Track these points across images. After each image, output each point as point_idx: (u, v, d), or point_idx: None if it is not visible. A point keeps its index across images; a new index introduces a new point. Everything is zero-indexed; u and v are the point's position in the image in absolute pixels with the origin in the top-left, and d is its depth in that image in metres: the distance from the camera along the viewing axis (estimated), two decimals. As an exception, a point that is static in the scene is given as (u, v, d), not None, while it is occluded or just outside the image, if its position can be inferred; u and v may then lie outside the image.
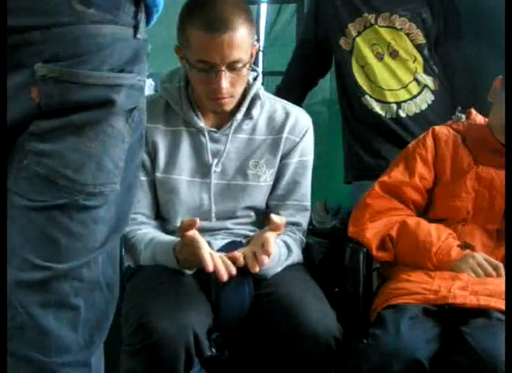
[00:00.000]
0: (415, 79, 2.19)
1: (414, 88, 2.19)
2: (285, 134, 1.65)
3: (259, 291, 1.56)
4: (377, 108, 2.20)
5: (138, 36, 0.96)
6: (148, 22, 1.04)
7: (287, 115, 1.66)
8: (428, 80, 2.19)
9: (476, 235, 1.63)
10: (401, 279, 1.56)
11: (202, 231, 1.62)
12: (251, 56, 1.54)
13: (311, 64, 2.41)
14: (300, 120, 1.67)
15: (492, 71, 1.80)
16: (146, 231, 1.61)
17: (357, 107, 2.24)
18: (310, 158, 1.69)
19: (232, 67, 1.49)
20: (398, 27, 2.18)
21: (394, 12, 2.18)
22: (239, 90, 1.56)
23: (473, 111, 1.82)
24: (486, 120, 1.77)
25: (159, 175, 1.63)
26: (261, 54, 3.19)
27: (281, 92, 2.27)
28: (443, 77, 2.22)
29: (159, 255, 1.55)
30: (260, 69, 1.80)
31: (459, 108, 1.87)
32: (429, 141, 1.75)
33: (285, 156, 1.66)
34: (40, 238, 0.91)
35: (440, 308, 1.44)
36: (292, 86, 2.42)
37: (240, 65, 1.50)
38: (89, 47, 0.90)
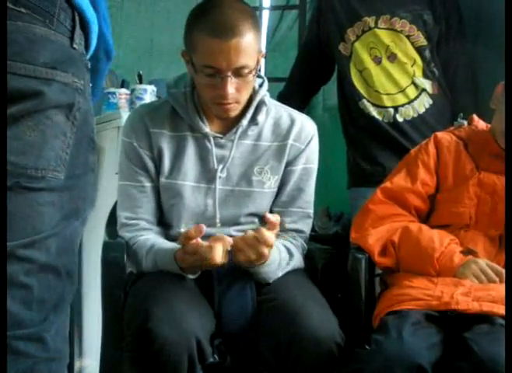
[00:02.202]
0: (413, 83, 2.18)
1: (411, 92, 2.18)
2: (290, 141, 1.65)
3: (261, 296, 1.56)
4: (374, 112, 2.19)
5: (75, 46, 1.04)
6: (86, 37, 1.10)
7: (292, 122, 1.67)
8: (426, 84, 2.18)
9: (479, 241, 1.62)
10: (404, 285, 1.56)
11: (206, 237, 1.62)
12: (257, 62, 1.55)
13: (314, 70, 2.41)
14: (305, 127, 1.68)
15: (493, 74, 1.80)
16: (148, 237, 1.61)
17: (355, 112, 2.24)
18: (314, 165, 1.70)
19: (238, 72, 1.49)
20: (399, 29, 2.17)
21: (394, 15, 2.17)
22: (244, 96, 1.57)
23: (475, 117, 1.82)
24: (488, 125, 1.77)
25: (163, 180, 1.63)
26: (262, 59, 3.19)
27: (283, 98, 2.28)
28: (442, 80, 2.20)
29: (161, 262, 1.55)
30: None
31: (461, 114, 1.87)
32: (432, 147, 1.75)
33: (290, 163, 1.66)
34: None
35: (442, 314, 1.44)
36: (295, 92, 2.42)
37: (246, 71, 1.50)
38: (20, 41, 0.97)
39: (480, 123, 1.80)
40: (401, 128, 2.17)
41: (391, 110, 2.18)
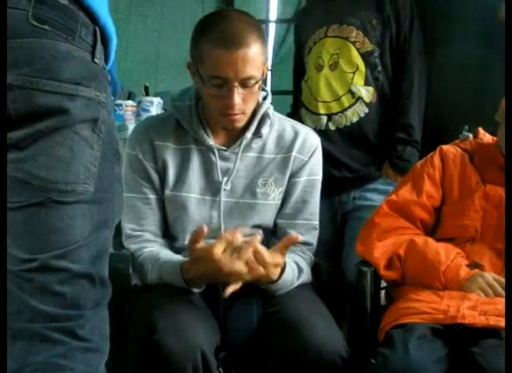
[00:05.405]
0: (350, 91, 2.16)
1: (346, 101, 2.15)
2: (294, 153, 1.66)
3: (266, 309, 1.56)
4: (309, 121, 2.19)
5: (96, 60, 1.06)
6: (106, 52, 1.11)
7: (296, 134, 1.67)
8: (364, 92, 2.15)
9: (485, 254, 1.62)
10: (410, 298, 1.55)
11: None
12: (263, 74, 1.56)
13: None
14: (309, 140, 1.68)
15: (499, 82, 1.78)
16: (152, 249, 1.61)
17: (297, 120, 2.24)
18: (318, 177, 1.70)
19: (244, 83, 1.50)
20: (345, 36, 2.16)
21: (343, 22, 2.17)
22: (250, 107, 1.58)
23: (481, 130, 1.82)
24: (494, 138, 1.77)
25: (168, 192, 1.63)
26: (269, 73, 3.21)
27: (292, 113, 2.30)
28: (388, 86, 2.17)
29: (166, 275, 1.55)
30: (268, 88, 1.81)
31: (466, 127, 1.86)
32: (437, 160, 1.75)
33: (294, 175, 1.67)
34: (21, 234, 1.00)
35: (448, 328, 1.43)
36: (297, 103, 2.41)
37: (252, 82, 1.51)
38: (45, 57, 0.99)
39: (486, 136, 1.80)
40: (330, 137, 2.16)
41: (325, 118, 2.17)
